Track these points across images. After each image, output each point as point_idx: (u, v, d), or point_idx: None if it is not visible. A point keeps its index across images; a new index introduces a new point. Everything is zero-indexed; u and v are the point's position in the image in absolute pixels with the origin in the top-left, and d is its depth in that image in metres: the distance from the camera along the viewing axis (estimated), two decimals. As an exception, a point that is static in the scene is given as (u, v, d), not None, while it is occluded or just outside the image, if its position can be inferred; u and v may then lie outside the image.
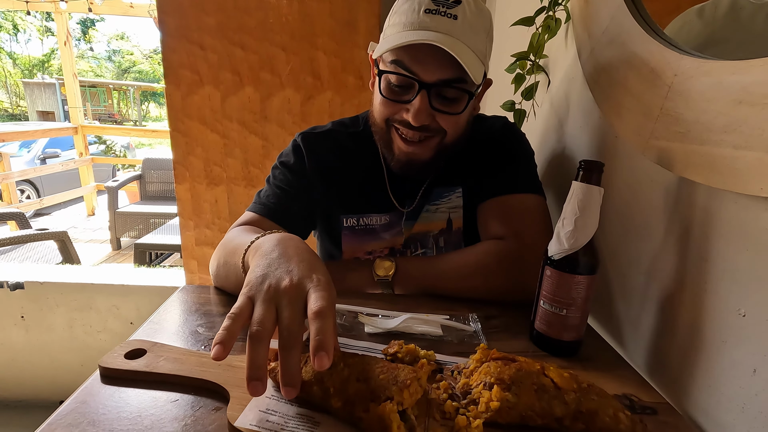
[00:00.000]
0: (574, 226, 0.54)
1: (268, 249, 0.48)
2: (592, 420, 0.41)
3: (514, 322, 0.66)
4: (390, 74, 0.66)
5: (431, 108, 0.66)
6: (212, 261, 0.69)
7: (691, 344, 0.51)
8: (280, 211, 0.75)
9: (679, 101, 0.49)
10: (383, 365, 0.41)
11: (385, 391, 0.37)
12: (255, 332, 0.37)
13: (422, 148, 0.71)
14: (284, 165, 0.80)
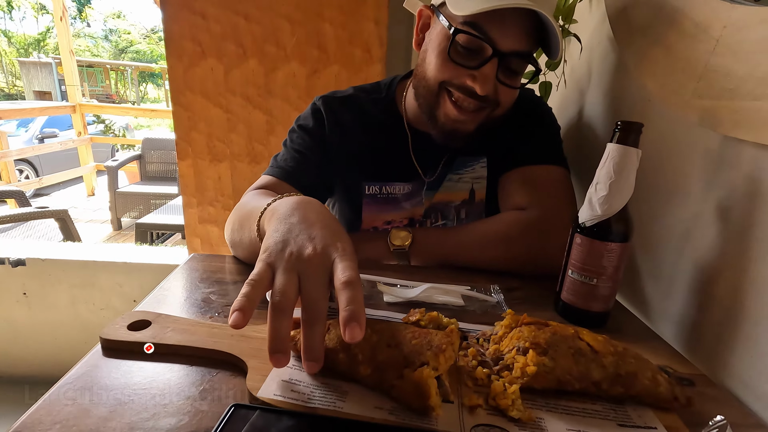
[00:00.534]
0: (609, 191, 0.51)
1: (286, 212, 0.45)
2: (631, 383, 0.39)
3: (537, 293, 0.63)
4: (466, 35, 0.60)
5: (496, 78, 0.63)
6: (227, 226, 0.66)
7: (731, 316, 0.49)
8: (298, 175, 0.73)
9: (728, 55, 0.46)
10: (413, 330, 0.38)
11: (419, 356, 0.35)
12: (277, 302, 0.35)
13: (472, 118, 0.67)
14: (302, 128, 0.77)
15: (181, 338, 0.43)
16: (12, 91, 14.71)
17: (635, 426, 0.37)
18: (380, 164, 0.78)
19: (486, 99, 0.64)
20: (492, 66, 0.61)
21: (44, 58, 13.80)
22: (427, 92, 0.68)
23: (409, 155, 0.78)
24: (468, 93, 0.64)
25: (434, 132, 0.71)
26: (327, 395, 0.36)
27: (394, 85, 0.81)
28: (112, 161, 3.96)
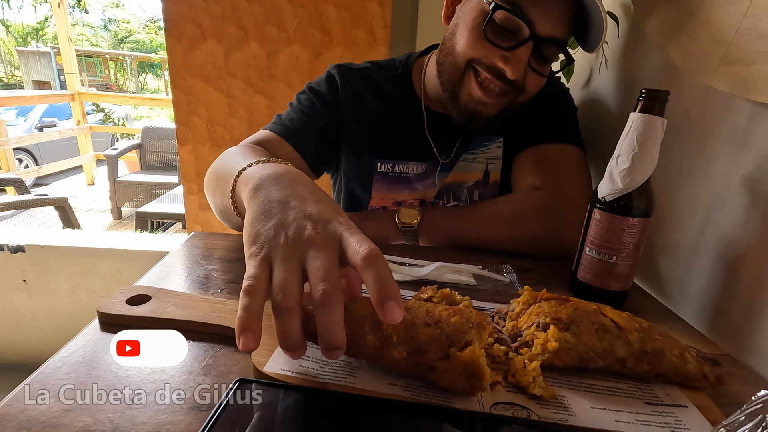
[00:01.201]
0: (631, 163, 0.48)
1: (269, 185, 0.38)
2: (658, 360, 0.37)
3: (551, 274, 0.61)
4: (504, 12, 0.57)
5: (527, 63, 0.60)
6: (207, 177, 0.62)
7: (757, 294, 0.46)
8: (302, 137, 0.69)
9: (763, 16, 0.43)
10: (446, 307, 0.35)
11: (464, 334, 0.32)
12: (280, 301, 0.29)
13: (496, 102, 0.64)
14: (314, 92, 0.74)
15: (182, 313, 0.41)
16: (11, 81, 14.60)
17: (664, 404, 0.35)
18: (394, 141, 0.75)
19: (514, 84, 0.62)
20: (526, 49, 0.58)
21: (43, 47, 13.69)
22: (453, 68, 0.65)
23: (425, 135, 0.75)
24: (497, 75, 0.61)
25: (454, 113, 0.68)
26: (338, 370, 0.34)
27: (411, 63, 0.78)
28: (112, 150, 3.93)
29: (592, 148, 0.74)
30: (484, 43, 0.60)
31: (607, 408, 0.34)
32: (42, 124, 5.91)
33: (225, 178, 0.49)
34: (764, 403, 0.27)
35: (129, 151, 4.17)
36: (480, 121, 0.67)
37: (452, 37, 0.65)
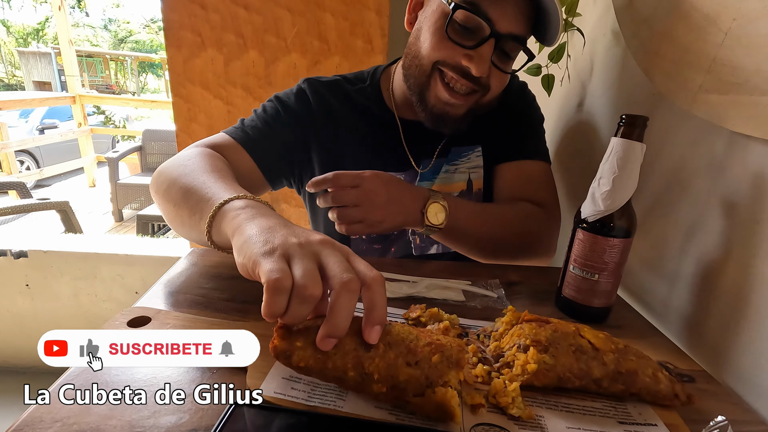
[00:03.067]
0: (612, 186, 0.50)
1: (261, 215, 0.40)
2: (632, 380, 0.39)
3: (537, 288, 0.63)
4: (465, 12, 0.59)
5: (490, 61, 0.62)
6: (160, 181, 0.59)
7: (734, 311, 0.48)
8: (258, 145, 0.68)
9: (737, 49, 0.45)
10: (427, 340, 0.36)
11: (441, 376, 0.33)
12: (306, 288, 0.31)
13: (462, 102, 0.66)
14: (280, 102, 0.73)
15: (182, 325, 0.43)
16: (11, 82, 14.63)
17: (636, 423, 0.37)
18: (371, 152, 0.75)
19: (479, 81, 0.63)
20: (489, 47, 0.60)
21: (43, 48, 13.72)
22: (419, 72, 0.66)
23: (402, 145, 0.76)
24: (462, 73, 0.62)
25: (423, 115, 0.69)
26: (327, 393, 0.36)
27: (378, 74, 0.78)
28: (113, 152, 3.95)
29: (579, 167, 0.77)
30: (448, 44, 0.62)
31: (581, 428, 0.36)
32: (43, 126, 5.94)
33: (197, 198, 0.49)
34: (721, 428, 0.29)
35: (130, 153, 4.20)
36: (448, 122, 0.68)
37: (416, 41, 0.67)
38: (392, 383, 0.33)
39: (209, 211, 0.44)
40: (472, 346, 0.45)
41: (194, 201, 0.50)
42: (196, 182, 0.52)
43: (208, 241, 0.45)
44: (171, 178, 0.57)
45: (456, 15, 0.60)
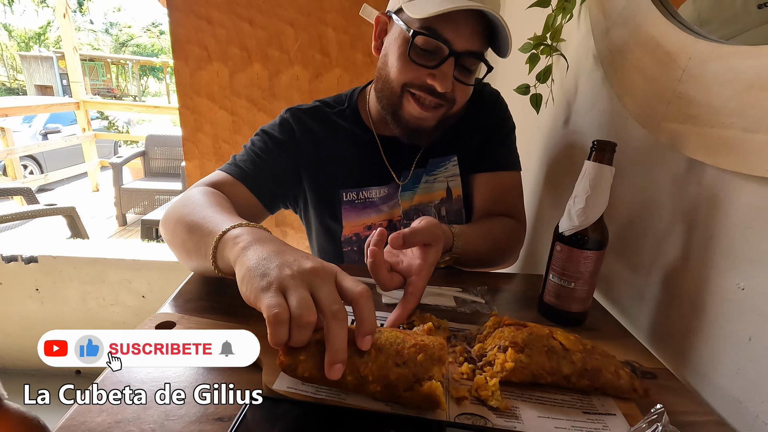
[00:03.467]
0: (585, 204, 0.56)
1: (258, 244, 0.45)
2: (596, 376, 0.45)
3: (522, 295, 0.69)
4: (423, 36, 0.65)
5: (453, 76, 0.68)
6: (167, 222, 0.63)
7: (692, 316, 0.54)
8: (254, 178, 0.73)
9: (692, 84, 0.51)
10: (413, 342, 0.41)
11: (426, 372, 0.39)
12: (302, 317, 0.36)
13: (433, 115, 0.72)
14: (267, 134, 0.78)
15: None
16: (13, 86, 14.72)
17: (597, 413, 0.43)
18: (355, 170, 0.81)
19: (444, 96, 0.70)
20: (449, 65, 0.66)
21: (45, 52, 13.80)
22: (391, 94, 0.72)
23: (382, 160, 0.82)
24: (428, 91, 0.69)
25: (398, 131, 0.75)
26: (332, 388, 0.42)
27: (355, 96, 0.84)
28: (117, 158, 4.02)
29: (564, 182, 0.83)
30: (412, 66, 0.68)
31: (550, 416, 0.42)
32: (46, 130, 6.01)
33: (201, 232, 0.54)
34: (659, 414, 0.35)
35: (133, 158, 4.26)
36: (422, 134, 0.75)
37: (385, 66, 0.73)
38: (385, 382, 0.39)
39: (212, 242, 0.49)
40: (459, 347, 0.51)
41: (198, 235, 0.54)
42: (198, 218, 0.57)
43: (215, 270, 0.51)
44: (176, 218, 0.61)
45: (416, 40, 0.66)
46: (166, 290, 1.66)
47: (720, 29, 0.53)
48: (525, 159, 1.13)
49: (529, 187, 1.10)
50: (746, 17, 0.50)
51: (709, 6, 0.56)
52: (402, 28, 0.68)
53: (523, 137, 1.15)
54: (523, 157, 1.09)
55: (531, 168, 1.10)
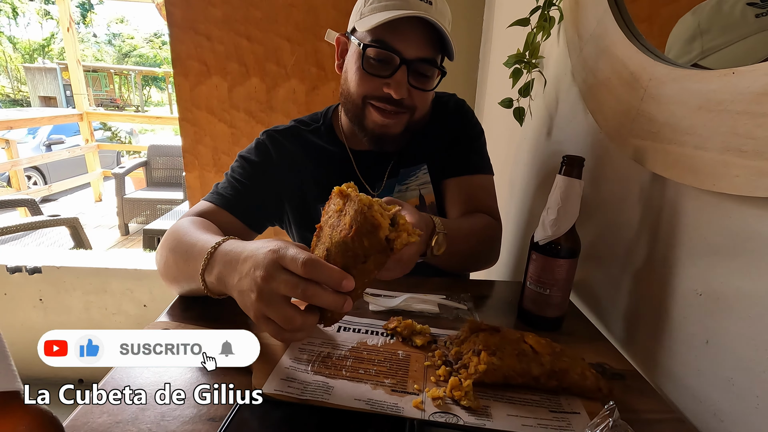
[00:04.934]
0: (557, 215, 0.60)
1: (225, 266, 0.51)
2: (563, 377, 0.48)
3: (503, 300, 0.73)
4: (374, 48, 0.70)
5: (408, 83, 0.72)
6: (161, 251, 0.66)
7: (658, 320, 0.57)
8: (235, 203, 0.76)
9: (652, 104, 0.55)
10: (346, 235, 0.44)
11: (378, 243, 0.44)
12: (289, 331, 0.45)
13: (395, 122, 0.76)
14: (245, 159, 0.81)
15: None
16: (17, 97, 14.90)
17: (563, 411, 0.46)
18: (329, 186, 0.82)
19: (402, 103, 0.74)
20: (402, 72, 0.71)
21: (49, 63, 13.98)
22: (353, 107, 0.77)
23: (355, 173, 0.85)
24: (386, 100, 0.73)
25: (365, 139, 0.80)
26: (316, 390, 0.46)
27: (330, 113, 0.89)
28: (120, 168, 4.08)
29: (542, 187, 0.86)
30: (368, 78, 0.73)
31: (519, 415, 0.45)
32: (50, 141, 6.09)
33: (193, 254, 0.58)
34: (611, 410, 0.38)
35: (136, 168, 4.32)
36: (388, 141, 0.79)
37: (345, 82, 0.78)
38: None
39: (201, 262, 0.54)
40: (438, 351, 0.54)
41: (185, 259, 0.59)
42: (185, 247, 0.61)
43: (204, 289, 0.55)
44: (167, 250, 0.65)
45: (368, 53, 0.71)
46: (167, 299, 1.68)
47: (719, 37, 0.56)
48: (511, 168, 1.17)
49: (516, 196, 1.14)
50: (744, 26, 0.53)
51: (708, 15, 0.58)
52: (356, 44, 0.73)
53: (510, 148, 1.19)
54: (510, 166, 1.13)
55: (518, 178, 1.14)
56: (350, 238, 0.43)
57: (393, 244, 0.44)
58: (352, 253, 0.43)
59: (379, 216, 0.43)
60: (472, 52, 1.63)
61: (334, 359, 0.52)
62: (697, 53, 0.58)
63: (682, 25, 0.62)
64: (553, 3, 0.85)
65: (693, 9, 0.61)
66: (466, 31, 1.59)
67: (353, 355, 0.53)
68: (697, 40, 0.58)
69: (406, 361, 0.53)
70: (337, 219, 0.45)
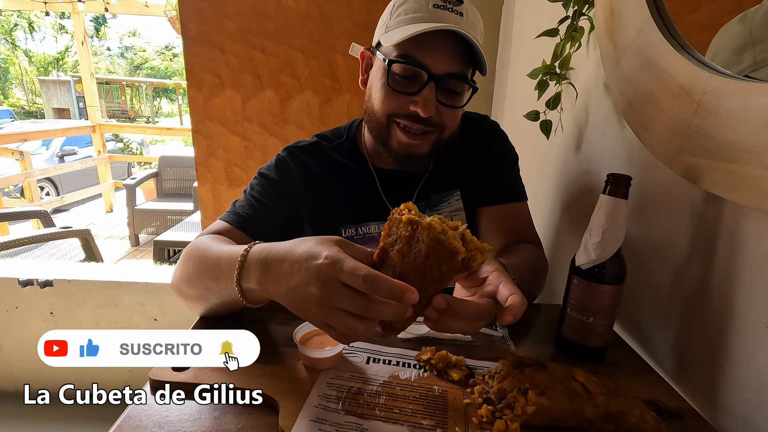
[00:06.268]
0: (601, 238, 0.56)
1: (265, 273, 0.48)
2: (620, 421, 0.43)
3: (539, 327, 0.68)
4: (400, 64, 0.66)
5: (436, 100, 0.68)
6: (181, 271, 0.63)
7: (717, 353, 0.53)
8: (251, 223, 0.73)
9: (707, 119, 0.51)
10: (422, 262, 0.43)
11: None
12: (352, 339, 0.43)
13: (422, 142, 0.71)
14: (264, 177, 0.78)
15: (219, 378, 0.49)
16: (32, 109, 15.20)
17: (624, 461, 0.41)
18: (352, 206, 0.80)
19: (430, 122, 0.69)
20: (430, 89, 0.66)
21: (63, 76, 14.26)
22: (378, 125, 0.73)
23: (379, 195, 0.80)
24: (413, 119, 0.69)
25: (391, 159, 0.75)
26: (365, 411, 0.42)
27: (353, 129, 0.84)
28: (131, 179, 4.09)
29: (579, 206, 0.82)
30: (394, 95, 0.68)
31: (575, 464, 0.41)
32: (63, 152, 6.16)
33: (220, 264, 0.55)
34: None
35: (146, 179, 4.34)
36: (415, 161, 0.74)
37: (369, 99, 0.74)
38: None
39: (234, 271, 0.51)
40: (478, 387, 0.50)
41: (213, 273, 0.55)
42: (211, 261, 0.57)
43: (241, 299, 0.51)
44: (189, 268, 0.61)
45: (393, 68, 0.67)
46: (178, 314, 1.67)
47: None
48: (538, 185, 1.13)
49: (543, 212, 1.10)
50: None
51: (761, 23, 0.53)
52: (381, 59, 0.69)
53: (534, 163, 1.15)
54: (536, 183, 1.09)
55: (544, 194, 1.09)
56: (429, 265, 0.42)
57: (469, 264, 0.43)
58: (429, 277, 0.43)
59: (454, 241, 0.42)
60: (489, 63, 1.60)
61: (366, 396, 0.48)
62: (748, 64, 0.54)
63: (729, 33, 0.58)
64: (583, 13, 0.81)
65: (740, 16, 0.57)
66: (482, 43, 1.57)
67: (386, 391, 0.49)
68: (748, 50, 0.54)
69: (443, 398, 0.49)
70: (407, 245, 0.43)
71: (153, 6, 4.57)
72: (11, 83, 15.80)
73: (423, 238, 0.42)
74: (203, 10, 1.59)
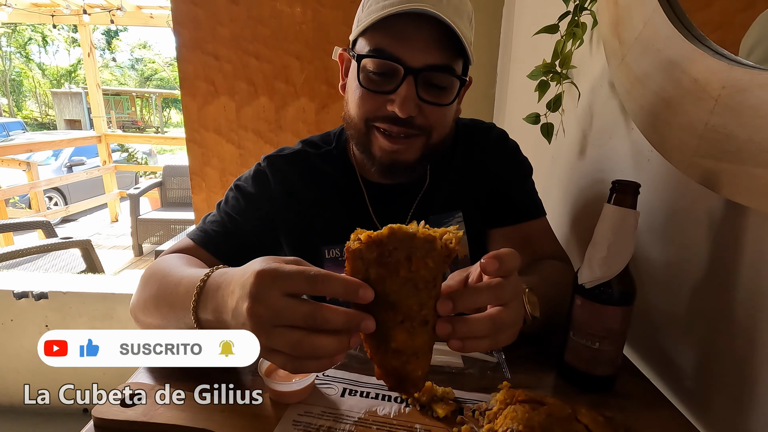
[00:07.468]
0: (607, 253, 0.49)
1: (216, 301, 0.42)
2: (633, 477, 0.37)
3: (539, 351, 0.61)
4: (372, 59, 0.58)
5: (418, 98, 0.59)
6: (139, 296, 0.56)
7: (743, 385, 0.46)
8: (218, 243, 0.66)
9: (728, 117, 0.44)
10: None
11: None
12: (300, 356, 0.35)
13: (407, 147, 0.62)
14: (239, 190, 0.71)
15: (171, 415, 0.43)
16: (44, 120, 15.50)
17: None
18: (337, 224, 0.71)
19: (412, 124, 0.60)
20: (408, 85, 0.57)
21: (75, 88, 14.54)
22: (357, 132, 0.65)
23: (368, 211, 0.72)
24: (392, 121, 0.60)
25: (375, 169, 0.66)
26: None
27: (344, 134, 0.75)
28: (135, 189, 4.10)
29: (585, 213, 0.76)
30: (369, 95, 0.60)
31: None
32: (71, 163, 6.23)
33: (176, 302, 0.49)
34: None
35: (150, 189, 4.34)
36: (400, 170, 0.65)
37: (346, 104, 0.66)
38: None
39: (191, 299, 0.44)
40: (466, 426, 0.43)
41: (171, 301, 0.49)
42: (169, 287, 0.51)
43: (194, 323, 0.45)
44: (147, 293, 0.55)
45: (366, 65, 0.59)
46: (172, 327, 1.63)
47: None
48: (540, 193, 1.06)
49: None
50: None
51: None
52: (351, 57, 0.61)
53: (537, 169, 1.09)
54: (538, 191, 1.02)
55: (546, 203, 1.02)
56: (415, 269, 0.37)
57: (447, 247, 0.37)
58: (423, 284, 0.37)
59: (424, 230, 0.37)
60: (490, 66, 1.54)
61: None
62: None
63: (751, 35, 0.51)
64: (584, 7, 0.75)
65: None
66: (482, 44, 1.51)
67: (359, 430, 0.43)
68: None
69: (426, 439, 0.43)
70: (383, 265, 0.37)
71: (158, 17, 4.61)
72: (25, 96, 16.16)
73: (395, 245, 0.36)
74: (197, 17, 1.56)
